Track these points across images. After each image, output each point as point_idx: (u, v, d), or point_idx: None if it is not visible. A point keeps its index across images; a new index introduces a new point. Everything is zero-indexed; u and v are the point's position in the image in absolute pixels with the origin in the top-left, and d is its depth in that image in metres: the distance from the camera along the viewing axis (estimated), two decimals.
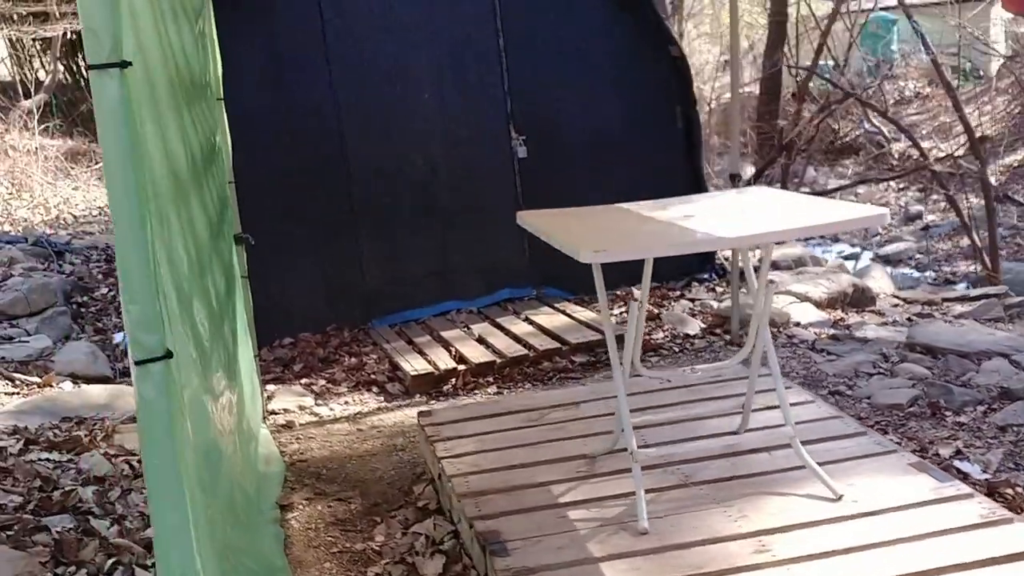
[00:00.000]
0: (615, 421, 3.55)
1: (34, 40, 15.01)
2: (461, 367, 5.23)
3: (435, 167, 6.25)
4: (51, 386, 5.09)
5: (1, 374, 5.09)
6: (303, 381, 5.43)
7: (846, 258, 10.74)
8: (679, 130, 6.44)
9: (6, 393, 4.98)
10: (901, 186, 14.97)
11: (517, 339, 5.58)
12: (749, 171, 11.13)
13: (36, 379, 5.13)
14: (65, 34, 15.46)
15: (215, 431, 2.66)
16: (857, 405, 4.25)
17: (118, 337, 5.94)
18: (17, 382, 5.10)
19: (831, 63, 11.67)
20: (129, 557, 3.40)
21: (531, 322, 5.88)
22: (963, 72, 18.26)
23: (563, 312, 6.03)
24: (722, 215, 3.18)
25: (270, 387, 5.24)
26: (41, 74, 17.43)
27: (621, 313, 6.06)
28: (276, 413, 4.94)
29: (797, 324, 5.49)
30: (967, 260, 10.91)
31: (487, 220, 6.23)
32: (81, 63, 18.14)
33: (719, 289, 6.35)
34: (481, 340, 5.64)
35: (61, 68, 17.33)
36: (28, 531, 3.43)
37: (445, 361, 5.29)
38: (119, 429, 4.46)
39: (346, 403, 5.09)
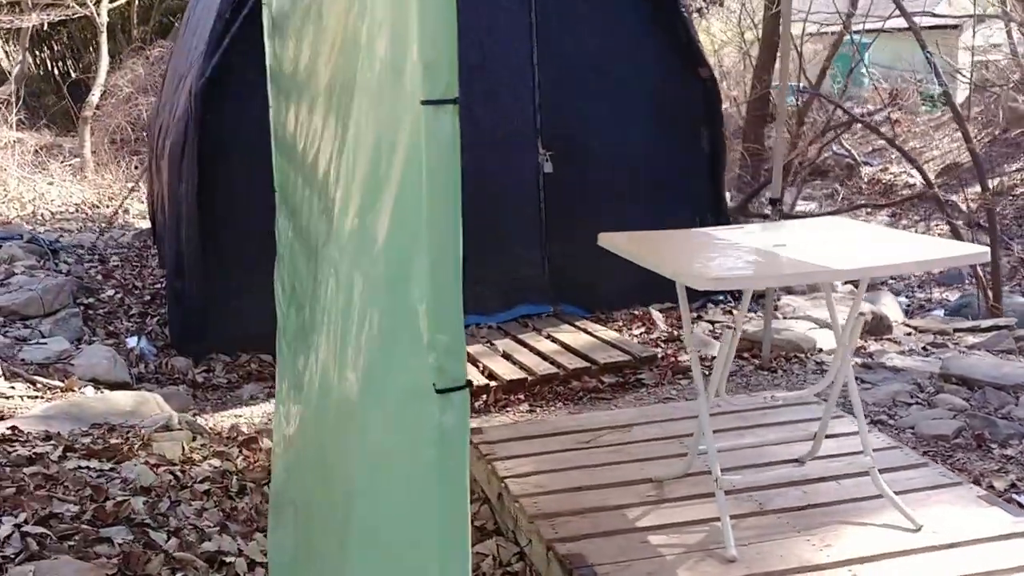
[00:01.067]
0: (691, 444, 3.55)
1: None
2: (492, 383, 5.19)
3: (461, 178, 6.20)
4: (73, 390, 4.97)
5: (22, 376, 4.96)
6: None
7: None
8: (704, 152, 6.47)
9: (29, 396, 4.85)
10: (868, 211, 15.21)
11: (544, 357, 5.55)
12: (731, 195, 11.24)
13: (57, 383, 5.00)
14: (43, 25, 15.20)
15: None
16: (902, 435, 4.29)
17: (131, 342, 5.83)
18: (39, 385, 4.97)
19: (803, 84, 11.87)
20: (193, 572, 3.34)
21: (554, 340, 5.86)
22: (931, 98, 18.58)
23: (584, 330, 6.02)
24: (812, 245, 3.19)
25: None
26: (5, 64, 17.10)
27: (641, 334, 6.07)
28: None
29: (821, 351, 5.53)
30: (940, 287, 11.11)
31: (509, 234, 6.20)
32: (45, 53, 17.82)
33: (735, 312, 6.38)
34: (507, 356, 5.61)
35: (29, 59, 17.02)
36: (89, 542, 3.35)
37: (476, 377, 5.26)
38: (154, 438, 4.37)
39: None
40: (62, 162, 14.37)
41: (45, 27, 15.48)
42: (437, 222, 1.28)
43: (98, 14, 14.47)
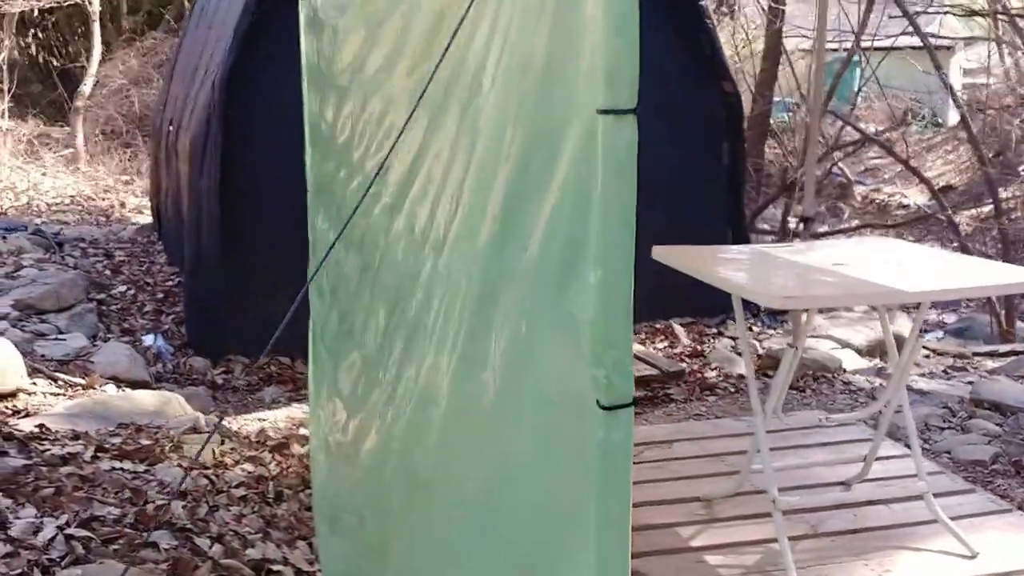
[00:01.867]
0: (740, 463, 3.53)
1: None
2: None
3: None
4: (94, 388, 4.89)
5: (43, 373, 4.88)
6: None
7: None
8: (724, 167, 6.47)
9: (51, 393, 4.77)
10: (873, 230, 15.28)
11: None
12: None
13: (79, 380, 4.92)
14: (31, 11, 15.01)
15: None
16: (938, 460, 4.29)
17: (147, 340, 5.75)
18: (59, 382, 4.89)
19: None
20: None
21: None
22: (923, 119, 18.73)
23: None
24: (872, 265, 3.17)
25: None
26: None
27: (664, 348, 6.06)
28: None
29: (846, 371, 5.54)
30: (935, 307, 11.18)
31: None
32: (30, 40, 17.60)
33: (755, 328, 6.39)
34: None
35: (12, 46, 16.81)
36: (134, 546, 3.28)
37: None
38: (184, 440, 4.30)
39: None
40: (54, 153, 14.22)
41: (36, 13, 15.27)
42: (611, 235, 1.24)
43: (90, 2, 14.31)
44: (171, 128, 6.92)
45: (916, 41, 10.89)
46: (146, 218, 11.31)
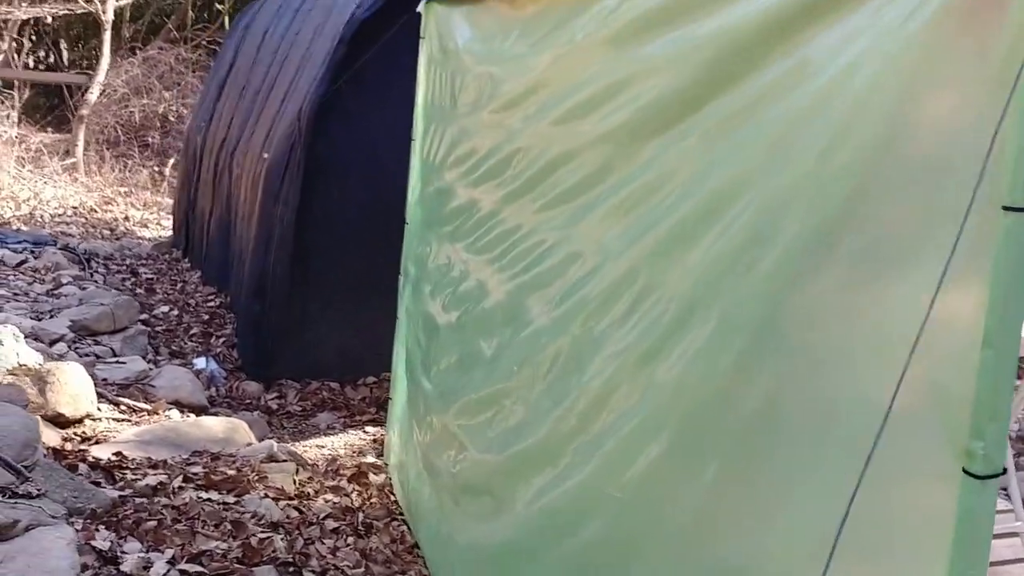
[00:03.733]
0: None
1: None
2: None
3: None
4: (158, 413, 4.86)
5: (106, 397, 4.84)
6: None
7: None
8: None
9: (115, 419, 4.73)
10: None
11: None
12: None
13: (144, 405, 4.89)
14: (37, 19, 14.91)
15: None
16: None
17: (199, 363, 5.72)
18: (123, 407, 4.86)
19: None
20: None
21: None
22: None
23: None
24: None
25: None
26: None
27: None
28: None
29: None
30: None
31: None
32: (29, 47, 17.46)
33: None
34: None
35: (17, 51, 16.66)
36: None
37: None
38: (264, 469, 4.29)
39: None
40: (57, 162, 14.08)
41: (49, 20, 15.16)
42: (998, 318, 1.29)
43: (104, 11, 14.23)
44: (221, 147, 6.89)
45: None
46: (154, 232, 11.25)
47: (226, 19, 16.46)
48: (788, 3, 1.70)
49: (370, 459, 4.81)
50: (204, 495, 3.95)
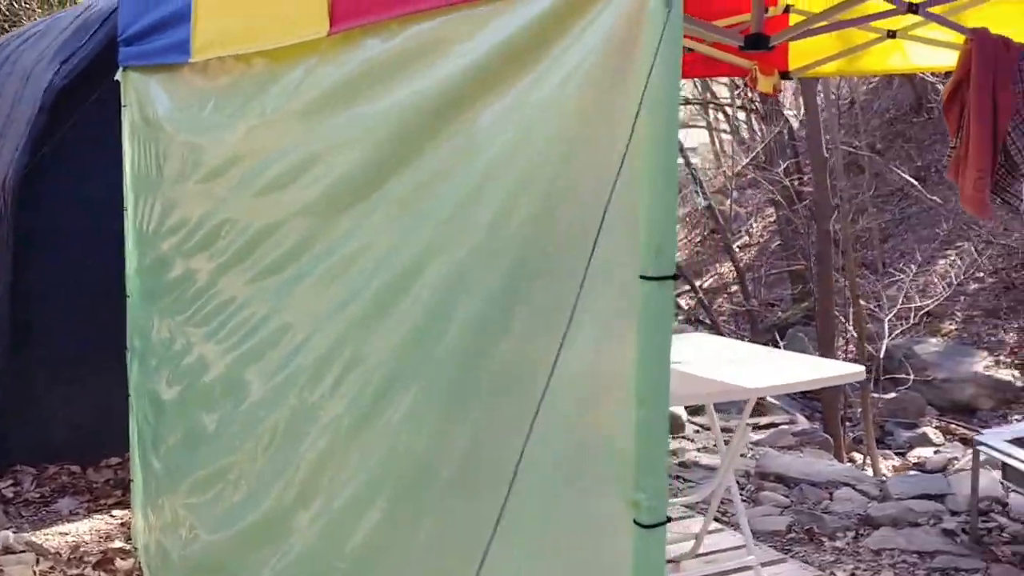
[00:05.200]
0: None
1: None
2: None
3: None
4: None
5: None
6: None
7: None
8: None
9: None
10: None
11: None
12: None
13: None
14: None
15: None
16: (738, 532, 4.62)
17: None
18: None
19: None
20: None
21: None
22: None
23: None
24: (704, 362, 3.42)
25: None
26: None
27: None
28: None
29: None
30: None
31: None
32: None
33: None
34: None
35: None
36: None
37: None
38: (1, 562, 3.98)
39: None
40: None
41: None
42: (649, 381, 1.36)
43: None
44: None
45: None
46: None
47: None
48: (457, 79, 1.75)
49: (118, 544, 4.55)
50: None
